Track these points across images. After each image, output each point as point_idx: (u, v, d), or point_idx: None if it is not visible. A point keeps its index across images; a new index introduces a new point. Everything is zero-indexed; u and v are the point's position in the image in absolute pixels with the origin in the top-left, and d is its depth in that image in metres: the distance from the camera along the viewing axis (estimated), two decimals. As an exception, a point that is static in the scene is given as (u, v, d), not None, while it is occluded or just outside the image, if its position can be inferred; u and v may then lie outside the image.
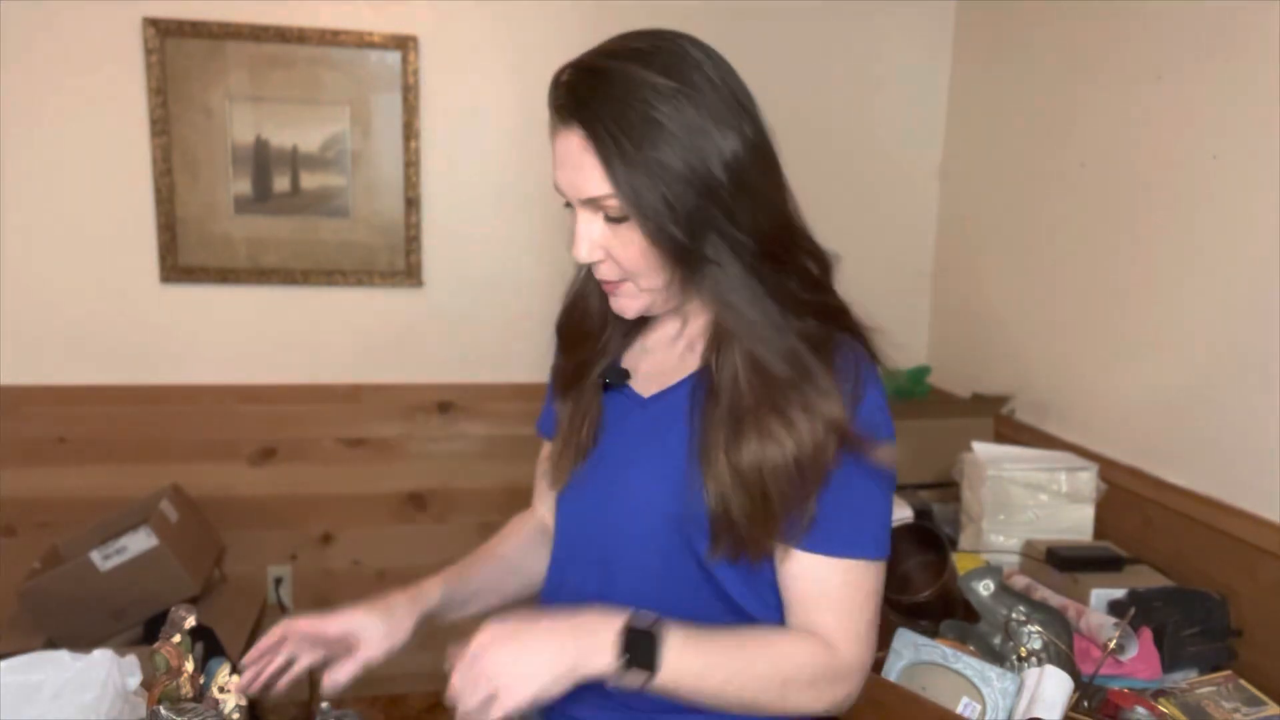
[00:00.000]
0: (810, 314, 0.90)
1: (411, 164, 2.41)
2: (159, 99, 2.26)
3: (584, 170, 0.84)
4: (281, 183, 2.37)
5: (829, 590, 0.90)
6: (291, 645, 0.95)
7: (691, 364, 0.97)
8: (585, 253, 0.88)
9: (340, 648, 0.95)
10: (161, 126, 2.28)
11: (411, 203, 2.43)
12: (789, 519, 0.88)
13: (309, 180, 2.38)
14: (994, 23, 2.42)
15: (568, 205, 0.90)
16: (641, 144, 0.81)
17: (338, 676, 0.92)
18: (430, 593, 1.00)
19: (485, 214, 2.50)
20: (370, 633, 0.94)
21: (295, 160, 2.37)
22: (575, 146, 0.84)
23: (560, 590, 1.04)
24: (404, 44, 2.35)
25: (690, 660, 0.84)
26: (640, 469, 0.96)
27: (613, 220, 0.86)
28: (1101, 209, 1.95)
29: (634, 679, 0.83)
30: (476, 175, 2.47)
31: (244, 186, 2.36)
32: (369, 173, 2.41)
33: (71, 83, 2.24)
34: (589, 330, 1.02)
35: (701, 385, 0.93)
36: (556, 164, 0.87)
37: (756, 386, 0.87)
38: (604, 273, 0.90)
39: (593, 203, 0.85)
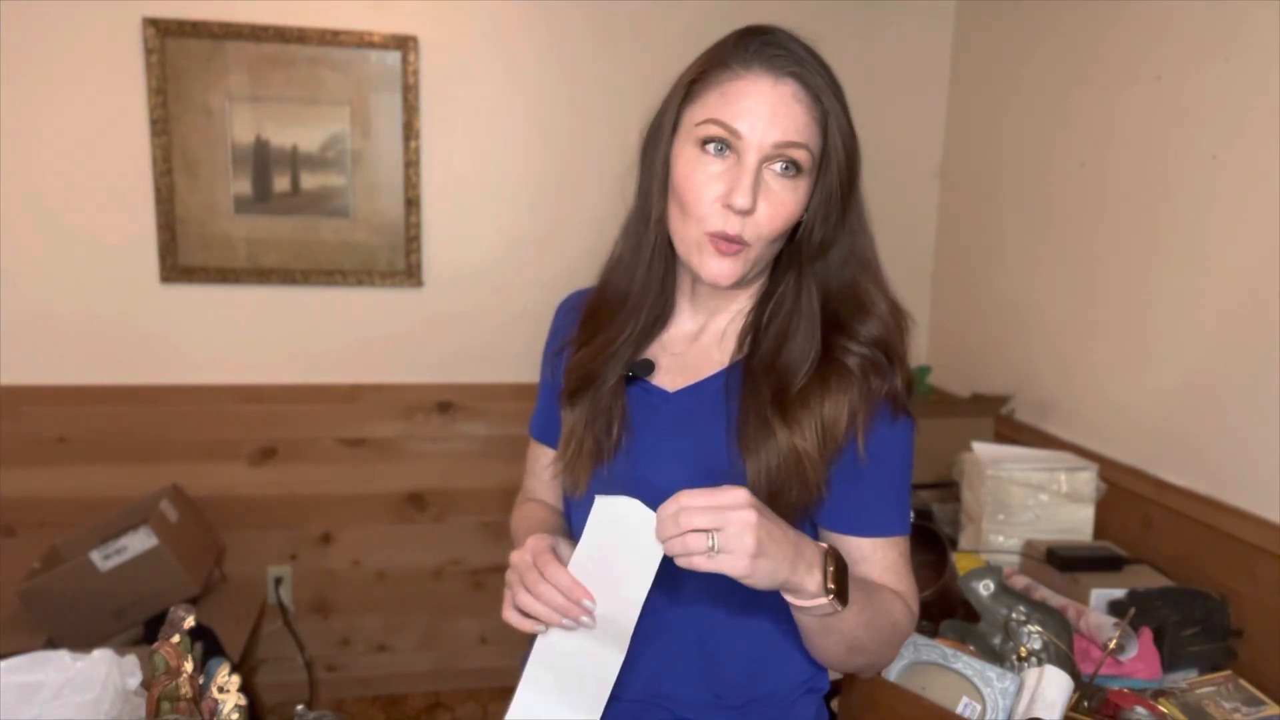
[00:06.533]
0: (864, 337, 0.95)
1: (411, 164, 2.41)
2: (159, 99, 2.26)
3: (791, 117, 0.89)
4: (281, 183, 2.37)
5: (893, 564, 0.97)
6: None
7: (722, 357, 0.99)
8: (749, 199, 0.88)
9: None
10: (161, 126, 2.28)
11: (411, 203, 2.43)
12: (827, 497, 0.93)
13: (309, 180, 2.38)
14: (994, 23, 2.42)
15: (716, 148, 0.90)
16: (843, 110, 0.92)
17: None
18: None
19: (485, 214, 2.50)
20: None
21: (295, 160, 2.37)
22: (787, 96, 0.89)
23: None
24: (404, 44, 2.35)
25: (855, 597, 0.87)
26: (676, 461, 0.96)
27: (786, 172, 0.90)
28: (1101, 209, 1.95)
29: (824, 606, 0.84)
30: (476, 175, 2.47)
31: (244, 186, 2.36)
32: (369, 173, 2.41)
33: (71, 83, 2.24)
34: (615, 307, 1.02)
35: (738, 375, 0.96)
36: (744, 110, 0.89)
37: (805, 372, 0.92)
38: (745, 227, 0.90)
39: (785, 146, 0.89)
